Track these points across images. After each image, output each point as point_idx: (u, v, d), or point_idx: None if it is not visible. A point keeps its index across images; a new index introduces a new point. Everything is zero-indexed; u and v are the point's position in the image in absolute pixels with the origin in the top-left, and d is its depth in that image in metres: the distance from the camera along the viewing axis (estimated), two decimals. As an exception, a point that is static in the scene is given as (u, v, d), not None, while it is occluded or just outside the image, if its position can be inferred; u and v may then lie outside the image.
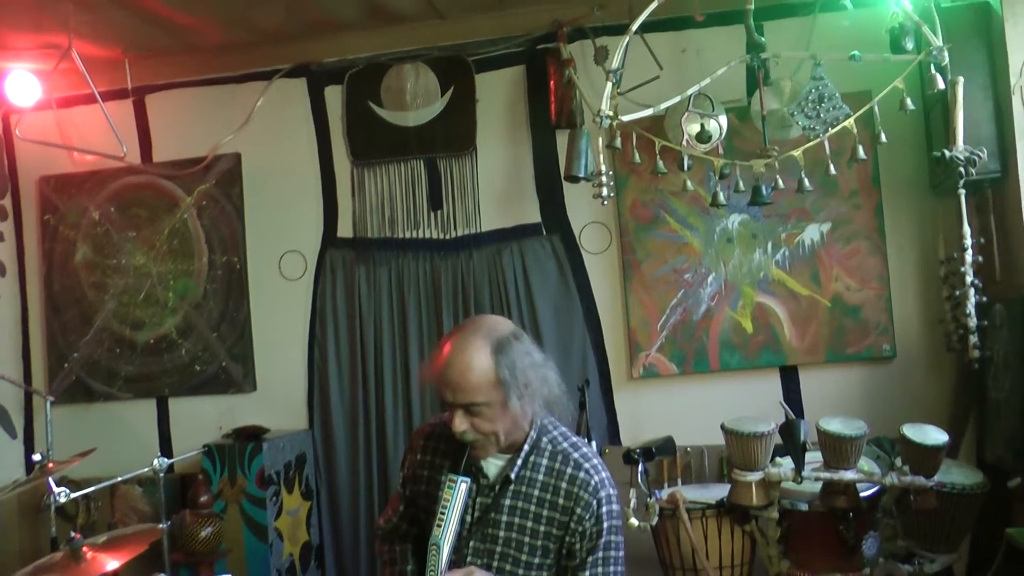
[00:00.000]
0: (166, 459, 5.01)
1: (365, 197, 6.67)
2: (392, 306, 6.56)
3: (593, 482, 3.15)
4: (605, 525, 3.16)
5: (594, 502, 3.12)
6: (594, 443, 5.10)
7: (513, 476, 3.15)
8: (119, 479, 5.31)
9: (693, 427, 5.96)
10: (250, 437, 6.14)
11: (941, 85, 4.80)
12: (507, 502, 3.16)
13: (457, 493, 3.04)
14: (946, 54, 4.73)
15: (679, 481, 5.81)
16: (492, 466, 3.21)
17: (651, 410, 6.30)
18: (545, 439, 3.23)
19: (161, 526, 4.80)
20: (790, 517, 4.61)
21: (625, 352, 6.35)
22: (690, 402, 6.22)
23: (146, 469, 5.00)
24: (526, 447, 3.18)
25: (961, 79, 5.08)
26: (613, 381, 6.39)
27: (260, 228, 6.79)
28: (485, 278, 6.46)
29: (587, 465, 3.19)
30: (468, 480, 3.09)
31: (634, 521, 4.47)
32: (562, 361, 6.26)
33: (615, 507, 3.19)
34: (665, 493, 4.98)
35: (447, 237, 6.56)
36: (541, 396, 3.15)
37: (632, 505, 4.49)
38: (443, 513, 3.02)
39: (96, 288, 6.91)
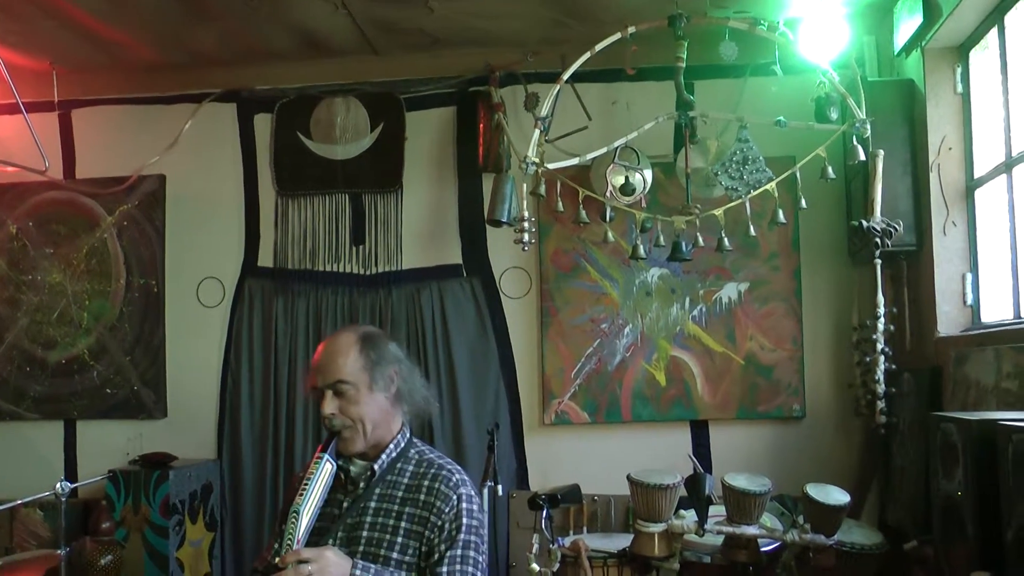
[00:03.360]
0: (69, 483, 4.88)
1: (288, 228, 6.63)
2: (308, 339, 6.50)
3: (454, 479, 3.20)
4: (464, 522, 3.15)
5: (454, 496, 3.15)
6: (500, 487, 5.08)
7: (377, 469, 3.22)
8: (19, 502, 5.21)
9: (602, 476, 5.97)
10: (157, 464, 6.04)
11: (862, 157, 4.91)
12: (372, 504, 3.20)
13: (322, 469, 3.08)
14: (869, 127, 4.85)
15: (584, 529, 5.85)
16: (358, 466, 3.26)
17: (561, 457, 6.31)
18: (413, 450, 3.32)
19: (59, 552, 4.72)
20: (691, 569, 4.66)
21: (538, 398, 6.37)
22: (600, 451, 6.24)
23: (47, 493, 4.88)
24: (391, 446, 3.26)
25: (881, 152, 5.21)
26: (525, 426, 6.40)
27: (180, 252, 6.71)
28: (403, 316, 6.46)
29: (451, 467, 3.27)
30: (334, 462, 3.15)
31: (535, 567, 4.45)
32: (475, 403, 6.29)
33: (475, 510, 3.21)
34: (568, 540, 4.99)
35: (367, 273, 6.55)
36: (408, 400, 3.30)
37: (534, 550, 4.48)
38: (306, 484, 3.03)
39: (9, 304, 6.76)
